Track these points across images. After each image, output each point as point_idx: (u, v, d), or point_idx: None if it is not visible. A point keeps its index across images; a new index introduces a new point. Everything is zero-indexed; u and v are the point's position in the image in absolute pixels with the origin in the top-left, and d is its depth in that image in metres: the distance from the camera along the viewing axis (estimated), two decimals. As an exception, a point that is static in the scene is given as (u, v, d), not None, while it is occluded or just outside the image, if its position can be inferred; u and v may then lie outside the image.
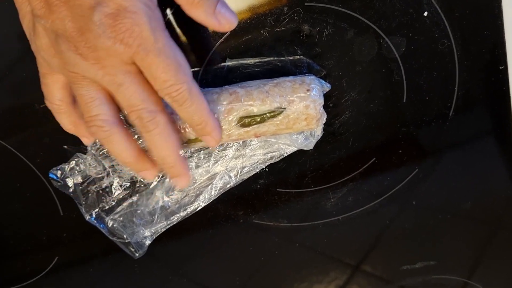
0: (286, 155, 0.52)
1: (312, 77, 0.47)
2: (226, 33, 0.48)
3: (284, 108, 0.46)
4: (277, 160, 0.52)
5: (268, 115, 0.46)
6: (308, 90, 0.46)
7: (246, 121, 0.46)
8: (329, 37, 0.48)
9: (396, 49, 0.49)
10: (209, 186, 0.51)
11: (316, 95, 0.46)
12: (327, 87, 0.48)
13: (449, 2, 0.47)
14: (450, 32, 0.48)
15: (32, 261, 0.59)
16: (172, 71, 0.38)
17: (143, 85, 0.39)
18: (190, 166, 0.51)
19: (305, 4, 0.47)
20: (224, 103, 0.45)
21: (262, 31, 0.48)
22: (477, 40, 0.49)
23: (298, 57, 0.49)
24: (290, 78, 0.47)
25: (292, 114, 0.46)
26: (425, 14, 0.47)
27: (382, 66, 0.50)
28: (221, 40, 0.48)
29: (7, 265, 0.60)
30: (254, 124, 0.46)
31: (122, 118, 0.44)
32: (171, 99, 0.39)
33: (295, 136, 0.49)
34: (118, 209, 0.52)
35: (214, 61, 0.50)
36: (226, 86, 0.47)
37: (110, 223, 0.51)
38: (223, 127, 0.46)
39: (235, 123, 0.46)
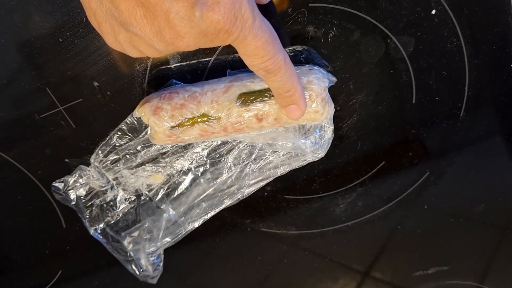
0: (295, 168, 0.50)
1: (317, 67, 0.46)
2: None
3: None
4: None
5: (270, 92, 0.44)
6: (310, 70, 0.45)
7: (246, 98, 0.44)
8: (335, 38, 0.47)
9: (404, 49, 0.48)
10: (217, 198, 0.50)
11: (319, 74, 0.45)
12: (333, 77, 0.47)
13: (458, -1, 0.46)
14: (459, 30, 0.47)
15: (35, 275, 0.58)
16: (269, 47, 0.36)
17: None
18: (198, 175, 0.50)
19: (310, 4, 0.46)
20: (225, 81, 0.44)
21: (266, 34, 0.47)
22: (487, 38, 0.48)
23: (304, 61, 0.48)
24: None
25: None
26: (433, 12, 0.46)
27: (390, 66, 0.49)
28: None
29: (10, 280, 0.59)
30: (254, 101, 0.44)
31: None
32: (265, 72, 0.38)
33: (304, 140, 0.48)
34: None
35: (215, 68, 0.48)
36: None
37: (125, 240, 0.50)
38: (223, 103, 0.44)
39: (236, 100, 0.44)
